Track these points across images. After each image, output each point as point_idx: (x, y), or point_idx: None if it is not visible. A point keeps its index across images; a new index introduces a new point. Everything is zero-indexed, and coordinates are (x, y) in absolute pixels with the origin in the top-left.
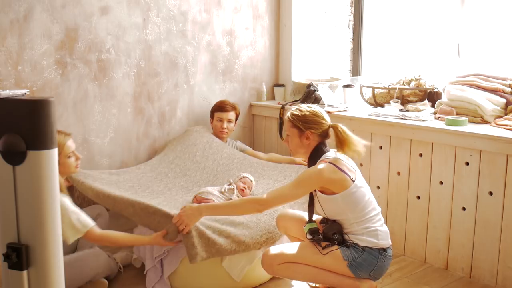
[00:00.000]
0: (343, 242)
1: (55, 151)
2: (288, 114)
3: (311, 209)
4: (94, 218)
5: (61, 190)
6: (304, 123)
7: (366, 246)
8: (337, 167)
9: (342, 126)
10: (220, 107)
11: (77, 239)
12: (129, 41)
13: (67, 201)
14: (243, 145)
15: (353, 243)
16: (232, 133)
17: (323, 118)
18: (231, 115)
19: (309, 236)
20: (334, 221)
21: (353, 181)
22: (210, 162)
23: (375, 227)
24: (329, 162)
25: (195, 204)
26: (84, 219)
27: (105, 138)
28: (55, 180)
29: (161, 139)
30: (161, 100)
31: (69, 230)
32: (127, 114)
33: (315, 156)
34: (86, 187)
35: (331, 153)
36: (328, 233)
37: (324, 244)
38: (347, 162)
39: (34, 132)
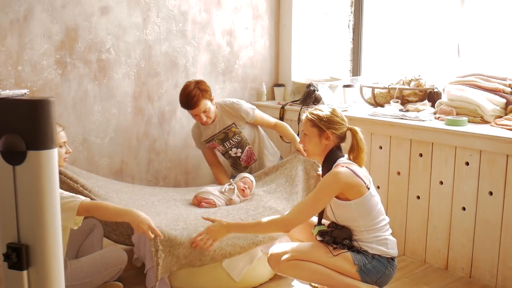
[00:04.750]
0: (351, 248)
1: (55, 151)
2: (306, 113)
3: (320, 213)
4: (90, 230)
5: None
6: (326, 123)
7: (375, 254)
8: (353, 172)
9: (360, 131)
10: (186, 105)
11: (78, 247)
12: (129, 41)
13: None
14: (247, 108)
15: (362, 249)
16: (215, 111)
17: (342, 119)
18: (203, 106)
19: (319, 238)
20: (343, 226)
21: (368, 189)
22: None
23: (384, 236)
24: (346, 167)
25: (225, 221)
26: (72, 194)
27: (105, 138)
28: (55, 180)
29: (161, 139)
30: (161, 100)
31: (66, 213)
32: (127, 114)
33: (330, 160)
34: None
35: (346, 158)
36: (338, 238)
37: (334, 246)
38: (361, 169)
39: (34, 132)
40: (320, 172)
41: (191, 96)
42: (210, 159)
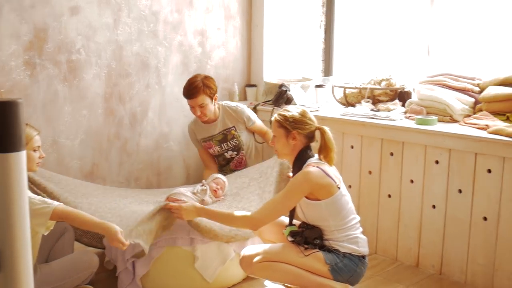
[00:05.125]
0: (322, 247)
1: (23, 154)
2: (275, 115)
3: (292, 213)
4: (61, 233)
5: None
6: (292, 123)
7: (346, 252)
8: (324, 171)
9: (328, 130)
10: (185, 93)
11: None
12: (99, 41)
13: (28, 194)
14: (249, 113)
15: (333, 248)
16: (215, 111)
17: (310, 119)
18: (200, 99)
19: (290, 238)
20: (314, 226)
21: (338, 188)
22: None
23: (355, 235)
24: (316, 166)
25: (198, 204)
26: (45, 200)
27: (76, 139)
28: (24, 183)
29: (133, 140)
30: (133, 101)
31: (38, 219)
32: (98, 115)
33: (300, 160)
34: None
35: (316, 158)
36: (309, 238)
37: (305, 246)
38: (331, 169)
39: (2, 134)
40: (291, 174)
41: (193, 86)
42: (205, 159)
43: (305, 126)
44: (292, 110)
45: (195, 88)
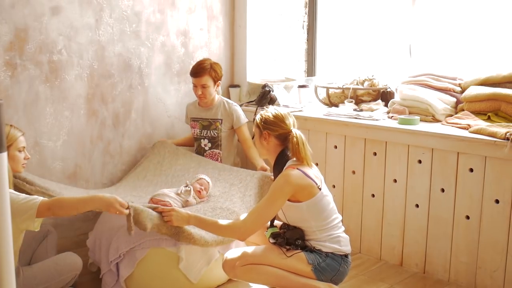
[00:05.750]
0: (304, 248)
1: (4, 155)
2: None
3: None
4: (44, 236)
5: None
6: (263, 123)
7: (329, 252)
8: (304, 173)
9: (298, 135)
10: (192, 71)
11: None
12: (81, 42)
13: (12, 192)
14: (241, 115)
15: (316, 248)
16: (214, 98)
17: (283, 122)
18: (204, 80)
19: (272, 240)
20: (295, 227)
21: (320, 189)
22: (163, 177)
23: (337, 234)
24: (296, 168)
25: (188, 212)
26: (29, 196)
27: (58, 141)
28: (5, 183)
29: (116, 141)
30: (115, 102)
31: (24, 213)
32: (80, 116)
33: (280, 162)
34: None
35: (295, 160)
36: (290, 239)
37: (287, 247)
38: (312, 170)
39: None
40: (272, 176)
41: (201, 67)
42: (188, 136)
43: (274, 128)
44: (270, 111)
45: (202, 68)
